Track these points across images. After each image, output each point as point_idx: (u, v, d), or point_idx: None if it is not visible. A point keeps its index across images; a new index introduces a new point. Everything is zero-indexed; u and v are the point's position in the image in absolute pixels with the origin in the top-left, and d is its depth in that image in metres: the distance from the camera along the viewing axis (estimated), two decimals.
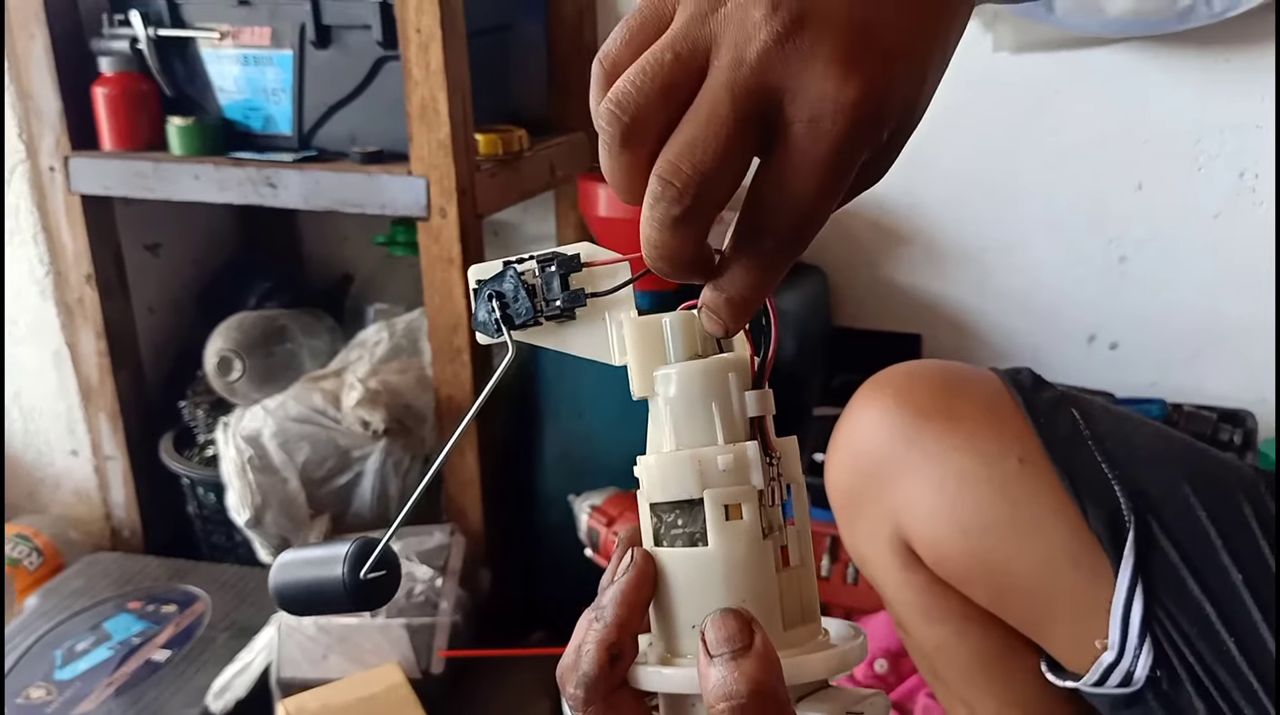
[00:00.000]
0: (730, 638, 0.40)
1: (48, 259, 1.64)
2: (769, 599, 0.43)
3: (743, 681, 0.39)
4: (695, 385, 0.44)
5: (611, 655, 0.42)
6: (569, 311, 0.47)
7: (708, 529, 0.42)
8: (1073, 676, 0.82)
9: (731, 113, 0.38)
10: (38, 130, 1.56)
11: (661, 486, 0.44)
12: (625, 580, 0.43)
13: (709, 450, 0.43)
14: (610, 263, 0.47)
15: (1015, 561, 0.82)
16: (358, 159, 1.42)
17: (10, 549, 1.64)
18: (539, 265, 0.47)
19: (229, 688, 1.31)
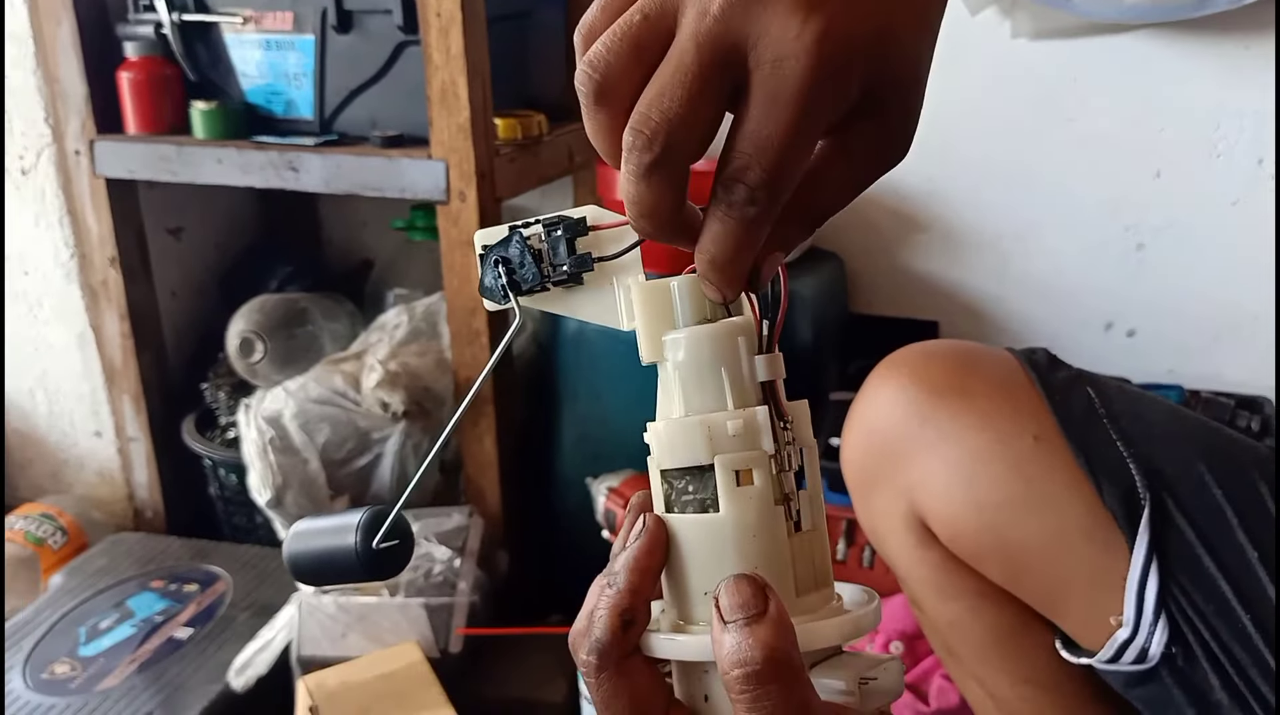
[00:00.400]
0: (745, 604, 0.40)
1: (73, 242, 1.66)
2: (782, 565, 0.43)
3: (758, 648, 0.39)
4: (704, 350, 0.44)
5: (624, 621, 0.42)
6: (576, 276, 0.47)
7: (719, 495, 0.42)
8: (1087, 653, 0.83)
9: (696, 61, 0.39)
10: (64, 114, 1.58)
11: (671, 452, 0.44)
12: (637, 546, 0.43)
13: (719, 415, 0.43)
14: (617, 225, 0.47)
15: (1029, 538, 0.83)
16: (378, 143, 1.43)
17: (35, 528, 1.66)
18: (545, 229, 0.47)
19: (250, 664, 1.33)
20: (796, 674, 0.39)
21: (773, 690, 0.39)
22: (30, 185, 1.65)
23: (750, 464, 0.42)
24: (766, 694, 0.39)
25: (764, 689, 0.39)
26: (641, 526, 0.44)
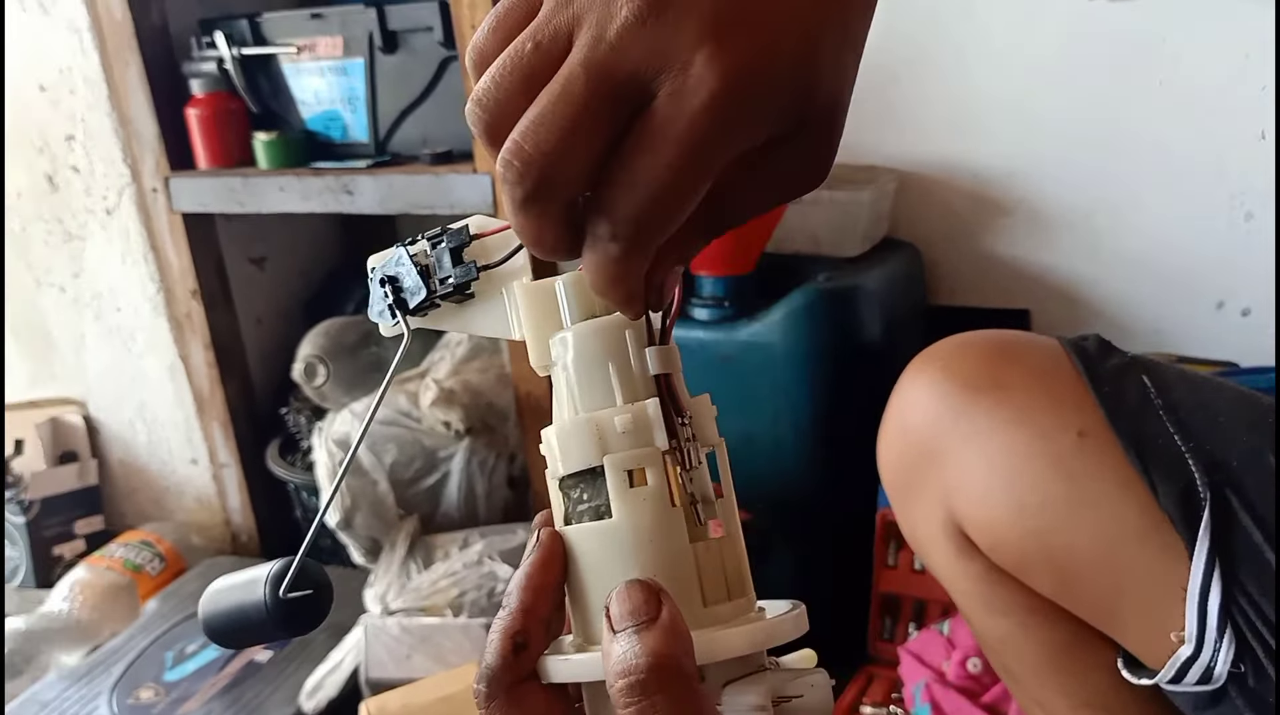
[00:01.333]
0: (635, 610, 0.36)
1: (157, 276, 1.72)
2: (683, 571, 0.39)
3: (643, 655, 0.35)
4: (590, 345, 0.41)
5: (515, 644, 0.39)
6: (463, 287, 0.44)
7: (610, 498, 0.39)
8: (1149, 673, 0.74)
9: (584, 90, 0.35)
10: (139, 153, 1.63)
11: (563, 457, 0.41)
12: (529, 562, 0.40)
13: (606, 412, 0.40)
14: (501, 231, 0.45)
15: (1077, 545, 0.75)
16: (428, 161, 1.42)
17: (133, 555, 1.72)
18: (430, 243, 0.45)
19: (321, 687, 1.34)
20: (687, 684, 0.35)
21: (659, 701, 0.35)
22: (115, 224, 1.71)
23: (642, 462, 0.39)
24: (652, 706, 0.35)
25: (649, 700, 0.35)
26: (535, 542, 0.41)
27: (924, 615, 1.31)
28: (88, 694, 1.41)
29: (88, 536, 1.91)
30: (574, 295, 0.42)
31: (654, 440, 0.39)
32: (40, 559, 1.88)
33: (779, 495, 1.37)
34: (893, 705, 1.23)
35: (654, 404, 0.40)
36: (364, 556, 1.51)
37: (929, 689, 1.13)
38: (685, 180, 0.35)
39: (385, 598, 1.41)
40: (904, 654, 1.21)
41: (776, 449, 1.36)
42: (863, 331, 1.37)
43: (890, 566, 1.32)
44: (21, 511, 1.87)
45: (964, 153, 1.54)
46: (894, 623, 1.33)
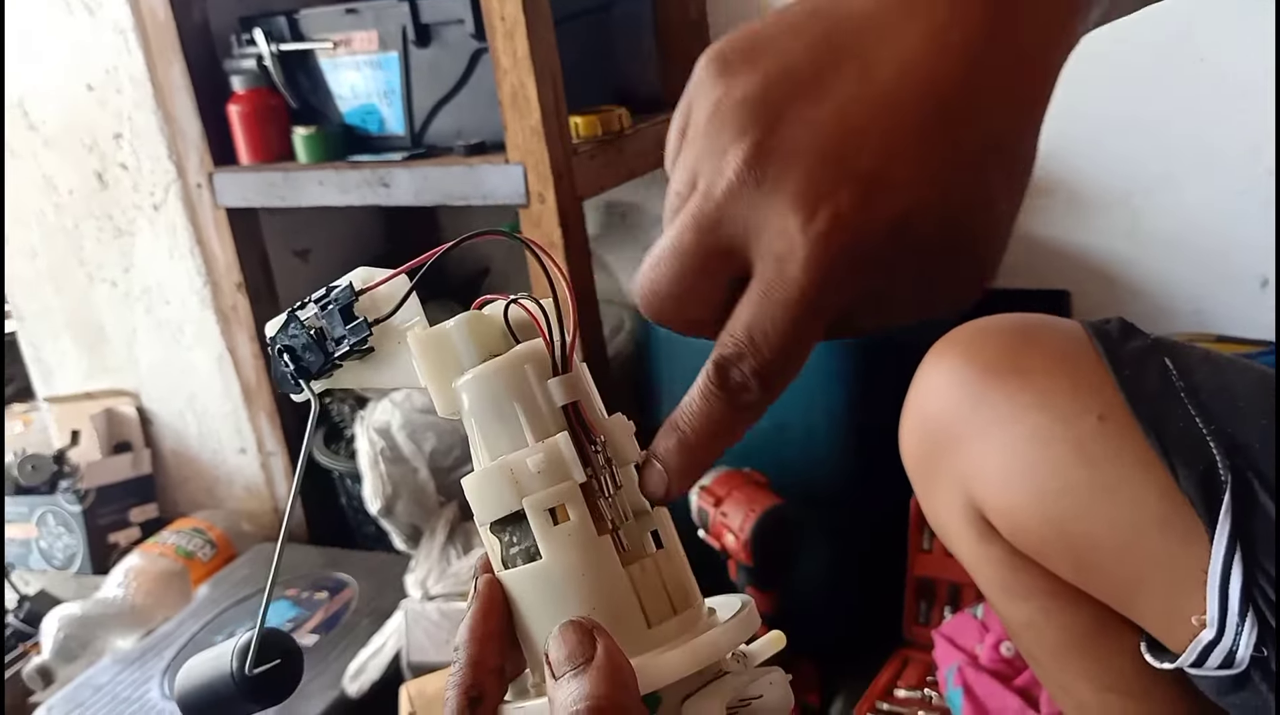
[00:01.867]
0: (571, 654, 0.37)
1: (204, 270, 1.75)
2: (621, 598, 0.39)
3: (582, 700, 0.35)
4: (490, 387, 0.40)
5: (470, 699, 0.39)
6: (358, 345, 0.43)
7: (536, 539, 0.39)
8: (1172, 657, 0.74)
9: (694, 241, 0.37)
10: (184, 150, 1.66)
11: (484, 505, 0.40)
12: (470, 613, 0.40)
13: (518, 454, 0.40)
14: (387, 281, 0.44)
15: (1097, 529, 0.74)
16: (462, 152, 1.44)
17: (185, 542, 1.77)
18: (317, 306, 0.44)
19: (363, 670, 1.37)
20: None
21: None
22: (162, 219, 1.75)
23: (560, 499, 0.39)
24: None
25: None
26: (473, 591, 0.41)
27: (959, 599, 1.31)
28: (140, 677, 1.45)
29: (142, 524, 1.96)
30: (469, 336, 0.42)
31: (570, 474, 0.39)
32: (96, 546, 1.93)
33: (812, 482, 1.37)
34: (926, 689, 1.24)
35: (564, 438, 0.39)
36: (405, 542, 1.54)
37: (962, 672, 1.13)
38: (803, 336, 0.37)
39: (426, 583, 1.44)
40: (938, 637, 1.21)
41: (809, 436, 1.36)
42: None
43: (925, 551, 1.32)
44: (78, 500, 1.93)
45: None
46: (929, 607, 1.33)
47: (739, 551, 1.26)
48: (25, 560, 2.00)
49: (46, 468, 1.98)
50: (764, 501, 1.28)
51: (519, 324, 0.42)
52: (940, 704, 1.21)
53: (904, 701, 1.23)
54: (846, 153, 0.35)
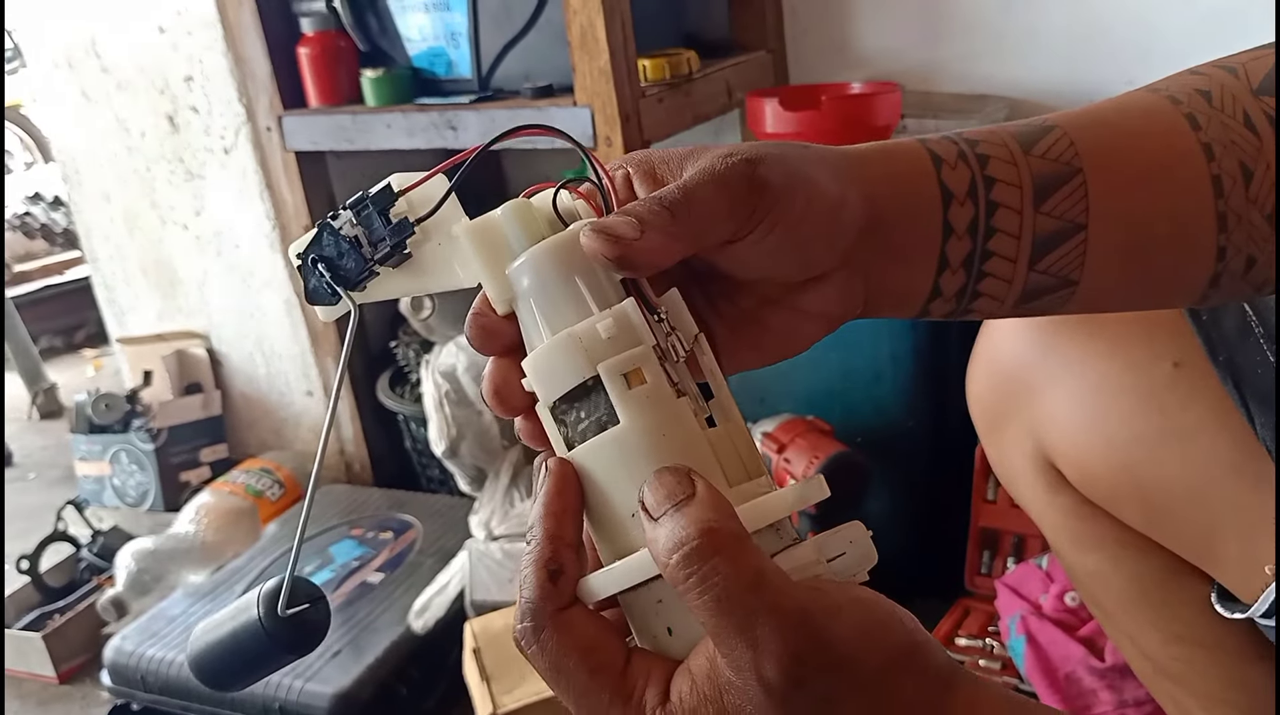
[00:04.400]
0: (670, 493, 0.36)
1: (273, 214, 1.77)
2: (703, 455, 0.38)
3: (690, 526, 0.35)
4: (549, 264, 0.40)
5: (550, 571, 0.38)
6: (400, 247, 0.42)
7: (614, 405, 0.38)
8: (1243, 607, 0.72)
9: None
10: (254, 93, 1.68)
11: (551, 380, 0.39)
12: (543, 491, 0.39)
13: (586, 322, 0.39)
14: (424, 181, 0.43)
15: (1169, 478, 0.73)
16: (529, 94, 1.43)
17: (254, 481, 1.80)
18: (353, 212, 0.43)
19: (428, 607, 1.39)
20: (741, 543, 0.35)
21: (718, 564, 0.34)
22: (233, 163, 1.77)
23: (636, 362, 0.38)
24: (713, 570, 0.34)
25: (707, 565, 0.34)
26: (544, 472, 0.40)
27: (1023, 550, 1.29)
28: (212, 610, 1.48)
29: (212, 464, 2.01)
30: (518, 222, 0.41)
31: (641, 338, 0.38)
32: (168, 484, 1.98)
33: (878, 428, 1.36)
34: (988, 638, 1.23)
35: (631, 303, 0.39)
36: (469, 485, 1.56)
37: (1025, 621, 1.12)
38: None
39: (489, 524, 1.45)
40: (1000, 587, 1.20)
41: (875, 382, 1.35)
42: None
43: (989, 501, 1.30)
44: (151, 439, 1.97)
45: (1079, 78, 1.49)
46: (992, 557, 1.32)
47: None
48: (99, 497, 2.06)
49: (119, 407, 2.03)
50: (827, 448, 1.27)
51: (566, 213, 0.42)
52: (1001, 653, 1.20)
53: (965, 650, 1.23)
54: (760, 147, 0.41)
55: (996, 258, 0.45)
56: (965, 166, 0.44)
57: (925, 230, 0.44)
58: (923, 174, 0.44)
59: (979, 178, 0.44)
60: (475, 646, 1.24)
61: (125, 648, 1.42)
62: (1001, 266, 0.45)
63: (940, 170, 0.44)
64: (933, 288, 0.45)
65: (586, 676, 0.37)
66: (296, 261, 0.44)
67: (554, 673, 0.38)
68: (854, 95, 1.41)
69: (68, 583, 1.76)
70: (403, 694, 1.34)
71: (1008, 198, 0.44)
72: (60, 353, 3.14)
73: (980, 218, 0.44)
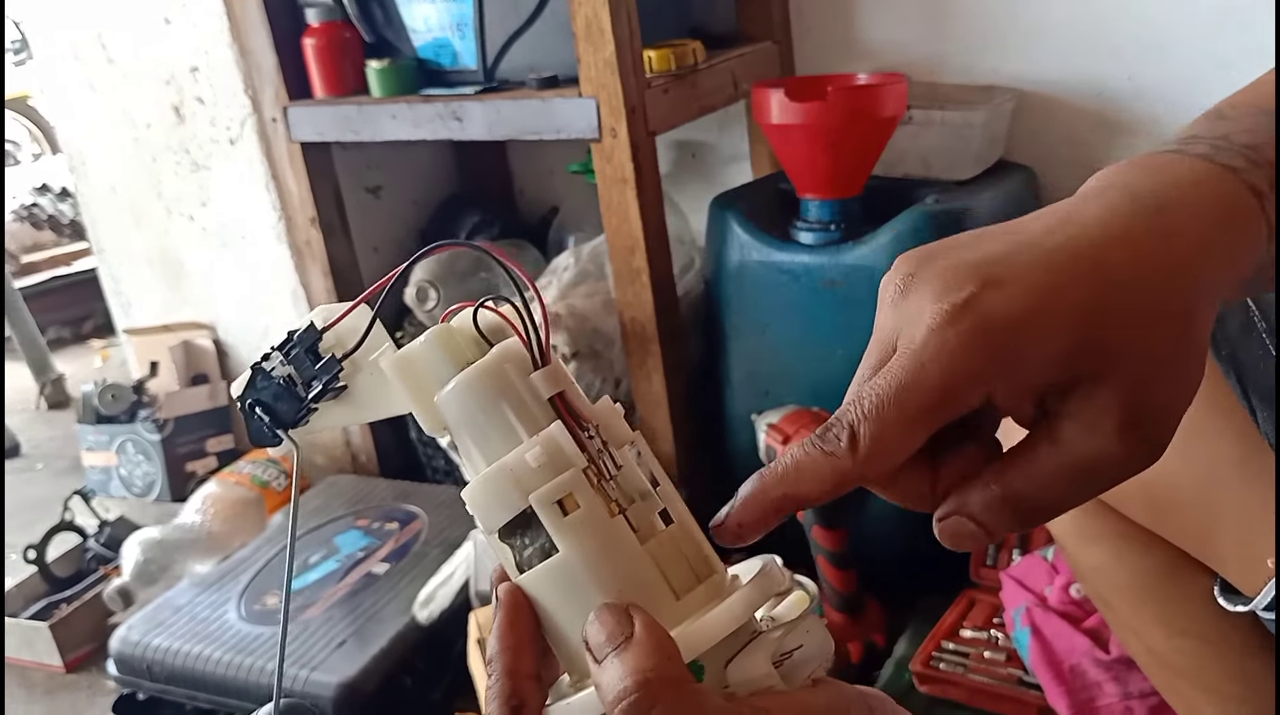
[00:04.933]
0: (611, 635, 0.36)
1: (279, 205, 1.78)
2: (645, 576, 0.39)
3: (628, 675, 0.35)
4: (473, 393, 0.40)
5: (511, 707, 0.39)
6: (331, 383, 0.43)
7: (551, 534, 0.38)
8: (1245, 600, 0.72)
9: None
10: (259, 84, 1.68)
11: (489, 512, 0.40)
12: (497, 624, 0.40)
13: (515, 453, 0.39)
14: (347, 313, 0.43)
15: (1171, 471, 0.72)
16: (534, 85, 1.43)
17: (260, 472, 1.81)
18: (282, 353, 0.44)
19: (433, 598, 1.39)
20: (679, 687, 0.35)
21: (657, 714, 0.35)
22: (239, 154, 1.78)
23: (567, 488, 0.38)
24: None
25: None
26: (495, 601, 0.40)
27: (1028, 542, 1.29)
28: (218, 599, 1.50)
29: (218, 454, 2.01)
30: (442, 349, 0.41)
31: (571, 461, 0.38)
32: (174, 474, 1.99)
33: None
34: (992, 630, 1.23)
35: (558, 427, 0.39)
36: None
37: (1030, 613, 1.12)
38: (892, 415, 0.37)
39: None
40: (1006, 579, 1.20)
41: None
42: None
43: None
44: (157, 429, 1.98)
45: (1086, 70, 1.48)
46: (997, 549, 1.31)
47: None
48: (106, 487, 2.07)
49: (126, 397, 2.03)
50: None
51: (490, 328, 0.42)
52: (1006, 645, 1.20)
53: (970, 641, 1.23)
54: (984, 265, 0.37)
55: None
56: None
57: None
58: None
59: None
60: (480, 637, 1.25)
61: (131, 637, 1.43)
62: None
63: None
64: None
65: None
66: (240, 404, 0.45)
67: None
68: (860, 86, 1.41)
69: (74, 572, 1.76)
70: (408, 684, 1.34)
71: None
72: (68, 344, 3.15)
73: None
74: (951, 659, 1.21)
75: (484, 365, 0.40)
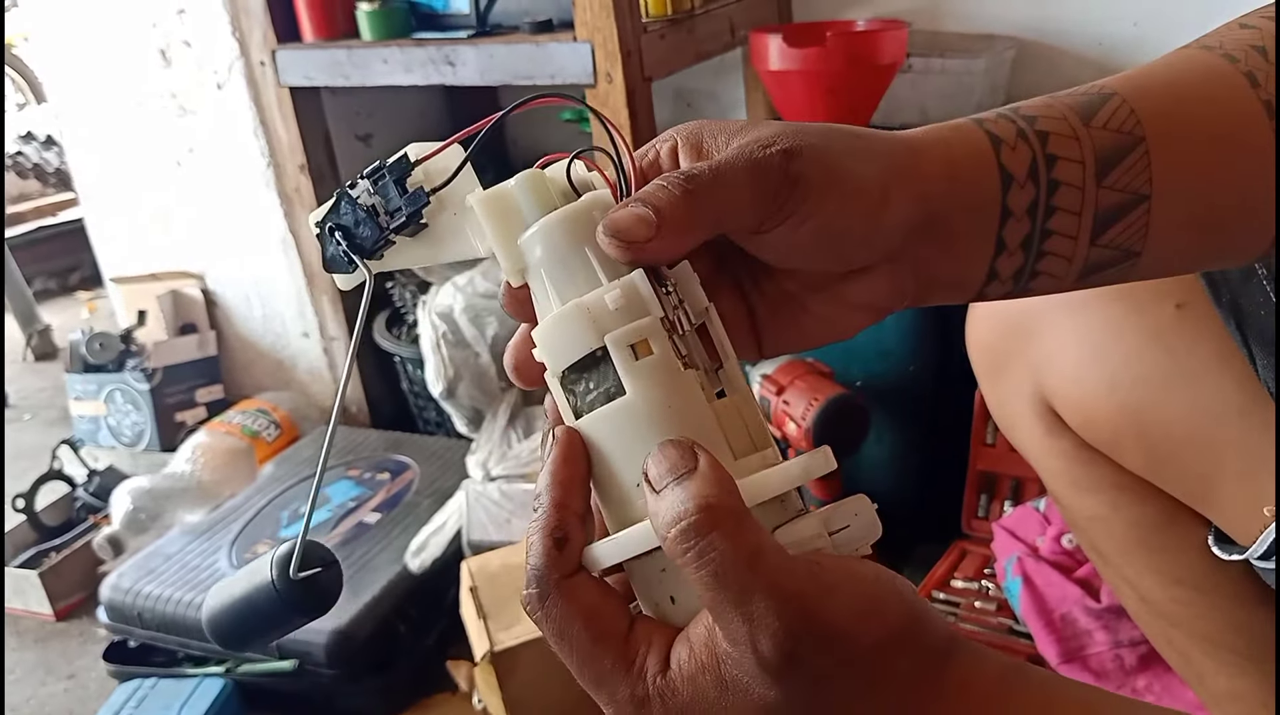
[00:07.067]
0: (673, 466, 0.36)
1: (267, 152, 1.75)
2: (708, 428, 0.38)
3: (690, 500, 0.35)
4: (560, 235, 0.39)
5: (555, 539, 0.38)
6: (415, 216, 0.42)
7: (620, 376, 0.38)
8: (1240, 550, 0.72)
9: None
10: (247, 26, 1.65)
11: (559, 350, 0.39)
12: (551, 458, 0.39)
13: (594, 293, 0.38)
14: (440, 150, 0.43)
15: (1171, 420, 0.72)
16: (528, 30, 1.41)
17: (250, 422, 1.80)
18: (370, 181, 0.43)
19: (425, 547, 1.39)
20: (739, 519, 0.35)
21: (715, 539, 0.34)
22: (226, 99, 1.75)
23: (643, 334, 0.38)
24: (710, 545, 0.34)
25: (705, 540, 0.34)
26: (552, 440, 0.40)
27: (1020, 494, 1.29)
28: (209, 548, 1.49)
29: (208, 404, 2.00)
30: (531, 192, 0.41)
31: (649, 309, 0.38)
32: (164, 424, 1.97)
33: (879, 372, 1.35)
34: (983, 580, 1.23)
35: (639, 275, 0.38)
36: (466, 426, 1.55)
37: (1021, 562, 1.12)
38: None
39: (487, 465, 1.45)
40: (998, 529, 1.20)
41: (876, 326, 1.33)
42: None
43: (988, 445, 1.30)
44: (146, 379, 1.96)
45: (1089, 18, 1.46)
46: (989, 501, 1.31)
47: (800, 440, 1.25)
48: (94, 436, 2.06)
49: (114, 346, 2.01)
50: (826, 391, 1.26)
51: (581, 183, 0.42)
52: (997, 595, 1.20)
53: (961, 592, 1.23)
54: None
55: (1057, 236, 0.44)
56: (1025, 146, 0.43)
57: (982, 219, 0.43)
58: (982, 162, 0.43)
59: (1040, 156, 0.43)
60: (472, 585, 1.24)
61: (122, 585, 1.42)
62: (1062, 244, 0.44)
63: (1000, 153, 0.43)
64: (988, 272, 0.44)
65: (589, 642, 0.38)
66: (315, 229, 0.44)
67: (558, 638, 0.39)
68: (859, 33, 1.39)
69: (64, 521, 1.76)
70: (401, 632, 1.34)
71: (1069, 175, 0.43)
72: (54, 295, 3.12)
73: (1040, 198, 0.43)
74: (943, 608, 1.21)
75: (574, 208, 0.40)
